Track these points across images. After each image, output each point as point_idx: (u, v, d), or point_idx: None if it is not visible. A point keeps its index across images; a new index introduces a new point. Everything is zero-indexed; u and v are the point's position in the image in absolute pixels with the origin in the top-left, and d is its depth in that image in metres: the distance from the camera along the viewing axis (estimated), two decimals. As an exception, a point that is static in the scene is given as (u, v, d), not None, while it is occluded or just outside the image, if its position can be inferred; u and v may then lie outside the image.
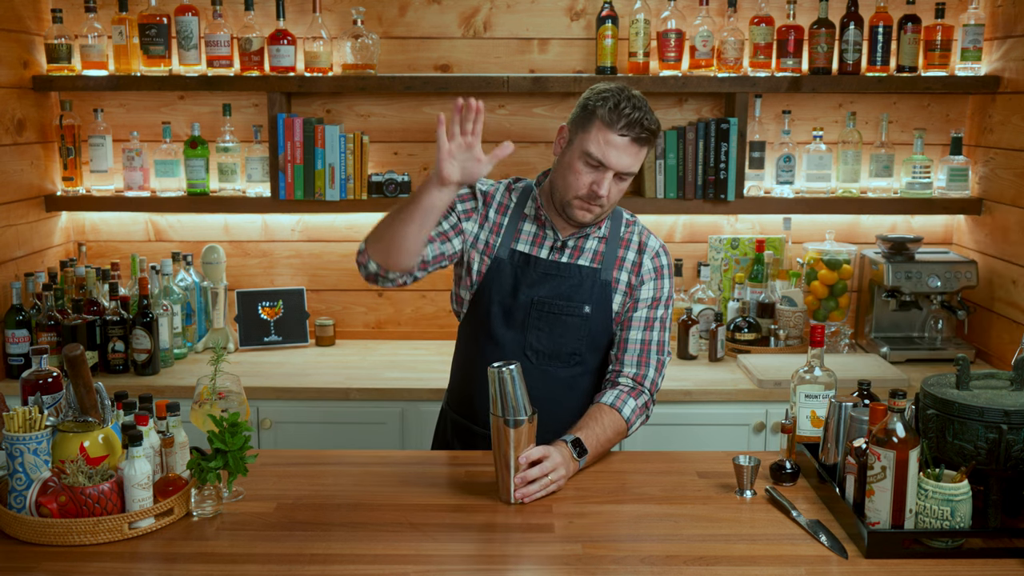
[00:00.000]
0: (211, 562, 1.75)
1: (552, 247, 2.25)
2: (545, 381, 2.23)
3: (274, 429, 3.03)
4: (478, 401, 2.30)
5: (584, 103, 2.15)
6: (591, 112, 2.12)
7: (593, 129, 2.11)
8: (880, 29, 3.32)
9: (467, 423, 2.35)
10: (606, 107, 2.10)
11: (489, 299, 2.24)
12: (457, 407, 2.39)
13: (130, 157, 3.41)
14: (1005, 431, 1.76)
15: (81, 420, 1.92)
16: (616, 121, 2.10)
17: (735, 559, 1.76)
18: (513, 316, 2.23)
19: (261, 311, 3.49)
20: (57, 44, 3.33)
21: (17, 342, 3.06)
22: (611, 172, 2.12)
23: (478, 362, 2.22)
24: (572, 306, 2.22)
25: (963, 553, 1.77)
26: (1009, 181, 3.20)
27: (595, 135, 2.11)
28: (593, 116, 2.11)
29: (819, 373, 2.21)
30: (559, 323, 2.22)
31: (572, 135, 2.16)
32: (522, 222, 2.27)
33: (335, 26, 3.45)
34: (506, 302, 2.24)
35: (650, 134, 2.14)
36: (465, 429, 2.36)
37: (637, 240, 2.30)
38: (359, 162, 3.35)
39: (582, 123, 2.14)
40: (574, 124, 2.16)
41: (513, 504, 1.98)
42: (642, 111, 2.12)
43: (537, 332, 2.23)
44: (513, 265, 2.24)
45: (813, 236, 3.56)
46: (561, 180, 2.18)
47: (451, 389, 2.44)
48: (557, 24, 3.48)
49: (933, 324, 3.39)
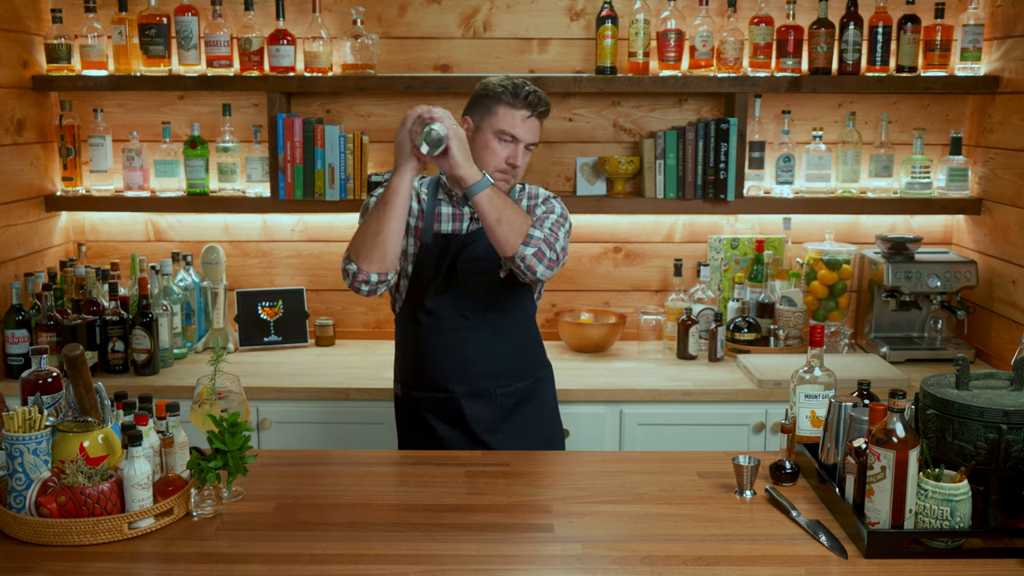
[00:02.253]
0: (211, 562, 1.75)
1: (471, 218, 2.51)
2: (481, 332, 2.51)
3: (274, 429, 3.03)
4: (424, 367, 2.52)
5: (484, 93, 2.45)
6: (495, 98, 2.43)
7: (500, 111, 2.42)
8: (880, 29, 3.32)
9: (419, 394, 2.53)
10: (507, 92, 2.42)
11: (424, 279, 2.49)
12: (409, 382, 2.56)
13: (130, 157, 3.41)
14: (1005, 431, 1.76)
15: (81, 420, 1.92)
16: (520, 102, 2.42)
17: (735, 559, 1.76)
18: (447, 288, 2.48)
19: (261, 311, 3.49)
20: (57, 44, 3.33)
21: (17, 342, 3.06)
22: (522, 144, 2.45)
23: (419, 333, 2.51)
24: (490, 263, 2.48)
25: (963, 553, 1.77)
26: (1009, 181, 3.21)
27: (503, 116, 2.42)
28: (498, 101, 2.43)
29: (819, 373, 2.21)
30: (485, 280, 2.49)
31: (478, 122, 2.45)
32: (438, 207, 2.52)
33: (335, 26, 3.45)
34: (438, 279, 2.48)
35: (547, 108, 2.48)
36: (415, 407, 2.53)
37: (528, 193, 2.60)
38: (359, 162, 3.35)
39: (487, 108, 2.44)
40: (478, 113, 2.45)
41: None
42: (538, 91, 2.46)
43: (468, 294, 2.49)
44: (438, 246, 2.48)
45: (813, 236, 3.56)
46: (478, 161, 2.39)
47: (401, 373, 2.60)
48: (557, 24, 3.49)
49: (933, 324, 3.39)
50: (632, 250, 3.61)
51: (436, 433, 2.50)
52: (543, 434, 2.60)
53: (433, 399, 2.52)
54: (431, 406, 2.52)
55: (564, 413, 2.99)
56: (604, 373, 3.16)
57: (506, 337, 2.54)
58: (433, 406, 2.52)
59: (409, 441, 2.59)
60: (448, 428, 2.50)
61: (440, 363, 2.50)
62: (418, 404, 2.54)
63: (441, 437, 2.50)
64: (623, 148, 3.56)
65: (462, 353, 2.49)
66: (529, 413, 2.57)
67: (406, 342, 2.58)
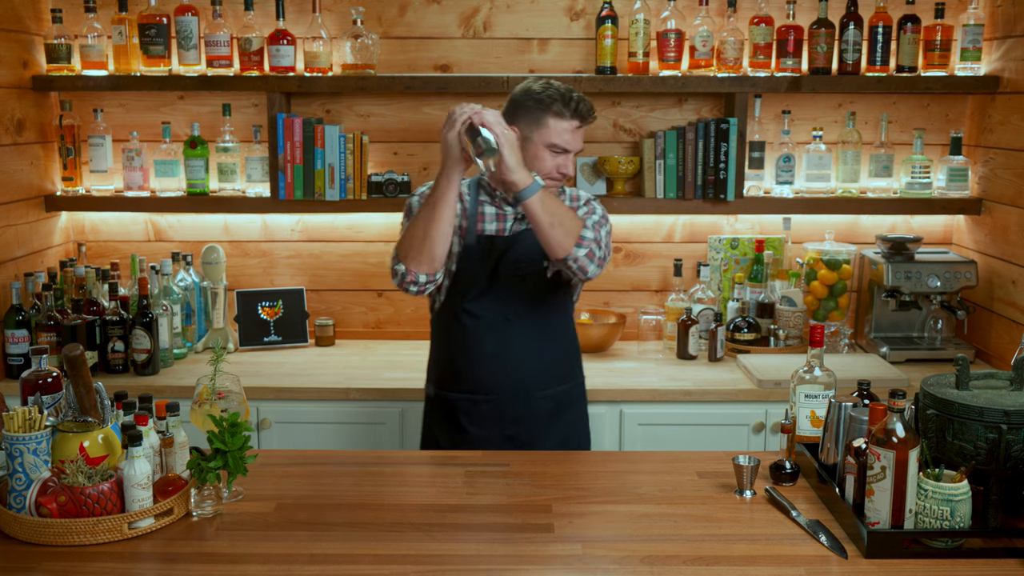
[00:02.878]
0: (211, 562, 1.75)
1: (515, 219, 2.49)
2: (523, 333, 2.49)
3: (274, 429, 3.03)
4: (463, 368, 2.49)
5: (531, 102, 2.41)
6: (544, 109, 2.40)
7: (551, 123, 2.40)
8: (880, 29, 3.32)
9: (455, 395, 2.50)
10: (557, 103, 2.39)
11: (467, 279, 2.47)
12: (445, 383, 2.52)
13: (130, 157, 3.41)
14: (1005, 431, 1.76)
15: (81, 420, 1.92)
16: (571, 112, 2.40)
17: (735, 559, 1.76)
18: (490, 289, 2.47)
19: (261, 311, 3.49)
20: (57, 44, 3.33)
21: (17, 342, 3.06)
22: (572, 153, 2.45)
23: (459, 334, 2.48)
24: (534, 263, 2.46)
25: (963, 553, 1.77)
26: (1009, 181, 3.21)
27: (554, 129, 2.40)
28: (548, 112, 2.40)
29: (819, 373, 2.21)
30: (528, 281, 2.47)
31: (527, 132, 2.42)
32: (481, 207, 2.49)
33: (335, 26, 3.45)
34: (481, 280, 2.46)
35: (594, 116, 2.48)
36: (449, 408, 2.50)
37: (568, 195, 2.58)
38: (359, 162, 3.35)
39: (536, 120, 2.41)
40: (525, 122, 2.42)
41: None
42: (584, 98, 2.44)
43: (511, 295, 2.46)
44: (481, 247, 2.46)
45: (813, 236, 3.56)
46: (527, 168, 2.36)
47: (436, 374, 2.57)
48: (557, 24, 3.49)
49: (933, 324, 3.39)
50: (632, 250, 3.61)
51: (468, 435, 2.48)
52: (575, 440, 2.59)
53: (470, 400, 2.49)
54: (467, 407, 2.49)
55: (564, 413, 3.00)
56: (604, 373, 3.16)
57: (547, 339, 2.52)
58: (469, 407, 2.49)
59: (436, 442, 2.54)
60: (482, 430, 2.48)
61: (481, 365, 2.47)
62: (452, 406, 2.51)
63: (474, 439, 2.47)
64: (623, 148, 3.56)
65: (504, 355, 2.47)
66: (565, 418, 2.56)
67: (444, 343, 2.54)
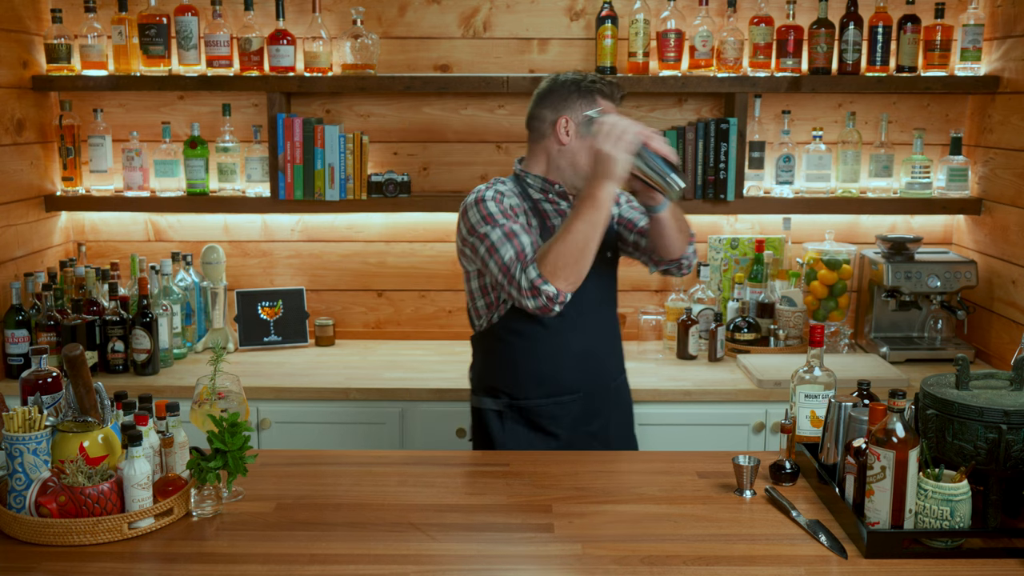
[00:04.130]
0: (211, 562, 1.75)
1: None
2: (598, 326, 2.48)
3: (274, 429, 3.03)
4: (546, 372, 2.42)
5: (575, 88, 2.39)
6: (591, 92, 2.38)
7: (599, 104, 2.38)
8: (880, 29, 3.32)
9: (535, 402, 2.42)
10: (599, 84, 2.39)
11: None
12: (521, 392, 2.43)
13: (130, 157, 3.41)
14: (1005, 431, 1.76)
15: (81, 420, 1.92)
16: (613, 93, 2.42)
17: (735, 559, 1.76)
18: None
19: (261, 311, 3.49)
20: (57, 44, 3.33)
21: (17, 342, 3.06)
22: None
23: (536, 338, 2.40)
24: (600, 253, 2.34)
25: (963, 553, 1.77)
26: (1009, 181, 3.21)
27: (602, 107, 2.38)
28: (594, 95, 2.38)
29: (819, 373, 2.21)
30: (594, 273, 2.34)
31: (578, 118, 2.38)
32: (539, 206, 2.44)
33: (335, 26, 3.45)
34: None
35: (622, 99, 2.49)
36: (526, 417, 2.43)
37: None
38: (359, 162, 3.35)
39: (587, 104, 2.38)
40: (576, 110, 2.38)
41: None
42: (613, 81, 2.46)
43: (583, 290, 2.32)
44: None
45: (813, 236, 3.56)
46: (585, 157, 2.35)
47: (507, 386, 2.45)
48: (557, 24, 3.49)
49: (933, 324, 3.39)
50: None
51: (559, 440, 2.44)
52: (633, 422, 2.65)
53: (557, 403, 2.43)
54: (555, 411, 2.43)
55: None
56: (604, 373, 3.16)
57: (614, 328, 2.56)
58: (557, 410, 2.43)
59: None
60: (570, 431, 2.44)
61: (563, 364, 2.42)
62: (535, 413, 2.44)
63: (565, 443, 2.43)
64: (623, 148, 3.55)
65: (585, 350, 2.44)
66: (628, 404, 2.62)
67: (517, 350, 2.43)
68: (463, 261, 2.44)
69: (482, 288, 2.43)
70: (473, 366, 2.56)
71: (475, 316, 2.49)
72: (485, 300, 2.44)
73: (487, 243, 2.29)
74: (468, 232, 2.34)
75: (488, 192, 2.37)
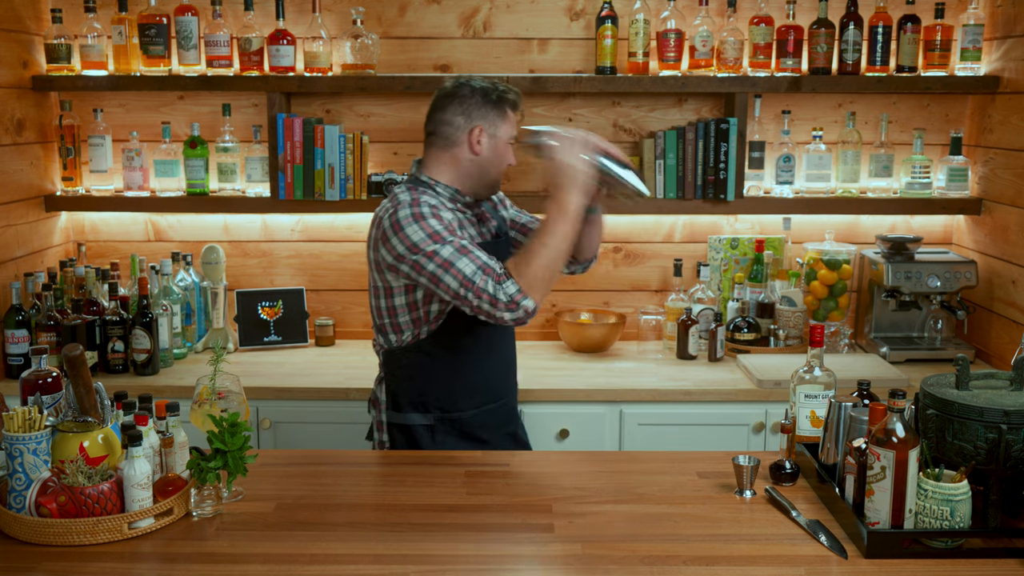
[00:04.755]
0: (211, 562, 1.75)
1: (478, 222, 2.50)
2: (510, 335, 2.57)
3: (274, 429, 3.03)
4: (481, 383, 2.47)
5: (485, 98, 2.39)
6: (500, 103, 2.40)
7: (509, 115, 2.42)
8: (880, 29, 3.32)
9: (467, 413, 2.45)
10: (508, 96, 2.42)
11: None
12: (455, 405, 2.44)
13: (130, 157, 3.41)
14: (1005, 431, 1.76)
15: (81, 420, 1.92)
16: (519, 103, 2.45)
17: (735, 559, 1.76)
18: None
19: (261, 311, 3.49)
20: (57, 44, 3.33)
21: (17, 342, 3.06)
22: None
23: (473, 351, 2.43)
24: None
25: (963, 553, 1.77)
26: (1009, 181, 3.21)
27: (512, 121, 2.43)
28: (504, 105, 2.41)
29: (819, 373, 2.21)
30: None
31: (492, 129, 2.40)
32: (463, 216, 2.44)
33: (335, 26, 3.45)
34: None
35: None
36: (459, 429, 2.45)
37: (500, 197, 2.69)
38: (359, 162, 3.35)
39: (498, 115, 2.40)
40: (490, 120, 2.40)
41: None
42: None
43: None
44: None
45: (813, 236, 3.56)
46: (496, 166, 2.43)
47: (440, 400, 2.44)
48: (557, 24, 3.49)
49: (933, 324, 3.39)
50: (632, 250, 3.61)
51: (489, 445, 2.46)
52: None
53: (486, 412, 2.48)
54: (483, 419, 2.47)
55: (564, 413, 3.00)
56: (604, 373, 3.16)
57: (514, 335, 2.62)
58: (486, 419, 2.48)
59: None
60: (495, 436, 2.49)
61: (491, 374, 2.50)
62: (466, 423, 2.46)
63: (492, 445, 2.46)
64: (623, 148, 3.55)
65: (505, 359, 2.56)
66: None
67: (448, 366, 2.43)
68: (387, 276, 2.35)
69: (410, 304, 2.37)
70: (388, 382, 2.49)
71: (391, 331, 2.42)
72: (412, 315, 2.38)
73: (438, 259, 2.23)
74: (408, 249, 2.26)
75: (422, 208, 2.29)
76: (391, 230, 2.29)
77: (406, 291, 2.36)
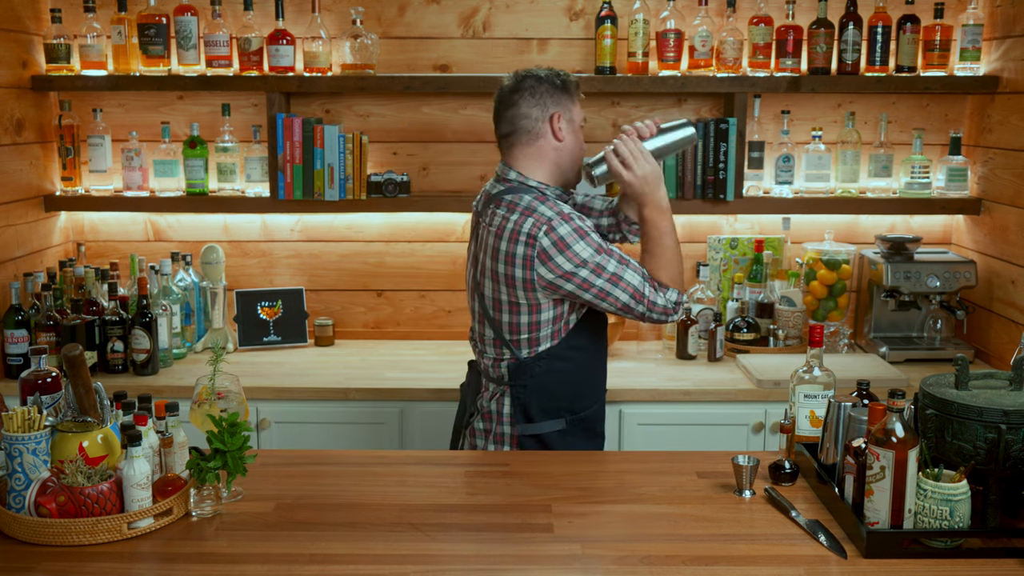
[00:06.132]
0: (210, 562, 1.75)
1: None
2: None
3: (274, 429, 3.03)
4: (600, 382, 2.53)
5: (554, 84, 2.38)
6: (566, 86, 2.40)
7: (576, 99, 2.42)
8: (879, 29, 3.32)
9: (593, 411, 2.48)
10: (570, 79, 2.41)
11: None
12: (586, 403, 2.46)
13: (129, 157, 3.41)
14: (1004, 431, 1.76)
15: (80, 420, 1.92)
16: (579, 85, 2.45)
17: (735, 559, 1.76)
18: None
19: (260, 311, 3.49)
20: (56, 44, 3.33)
21: (16, 342, 3.06)
22: None
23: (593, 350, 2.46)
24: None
25: (962, 553, 1.77)
26: (1008, 181, 3.21)
27: (578, 103, 2.43)
28: (570, 88, 2.41)
29: (818, 373, 2.21)
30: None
31: (569, 113, 2.40)
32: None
33: (334, 26, 3.45)
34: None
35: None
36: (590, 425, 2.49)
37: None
38: (358, 162, 3.35)
39: (568, 98, 2.40)
40: (564, 105, 2.39)
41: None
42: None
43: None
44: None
45: (812, 236, 3.56)
46: (578, 151, 2.43)
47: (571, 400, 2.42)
48: (556, 24, 3.49)
49: (932, 324, 3.39)
50: (632, 250, 3.61)
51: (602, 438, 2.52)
52: None
53: (602, 406, 2.54)
54: (601, 414, 2.53)
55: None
56: (603, 373, 3.16)
57: None
58: (603, 412, 2.54)
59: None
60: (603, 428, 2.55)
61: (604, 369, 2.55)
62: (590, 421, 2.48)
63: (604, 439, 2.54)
64: (622, 148, 3.55)
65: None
66: None
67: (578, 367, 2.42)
68: (537, 294, 2.30)
69: (556, 317, 2.33)
70: (517, 394, 2.39)
71: (526, 345, 2.36)
72: (554, 327, 2.35)
73: (606, 274, 2.25)
74: (577, 267, 2.24)
75: (576, 221, 2.27)
76: (554, 248, 2.24)
77: (554, 305, 2.33)
